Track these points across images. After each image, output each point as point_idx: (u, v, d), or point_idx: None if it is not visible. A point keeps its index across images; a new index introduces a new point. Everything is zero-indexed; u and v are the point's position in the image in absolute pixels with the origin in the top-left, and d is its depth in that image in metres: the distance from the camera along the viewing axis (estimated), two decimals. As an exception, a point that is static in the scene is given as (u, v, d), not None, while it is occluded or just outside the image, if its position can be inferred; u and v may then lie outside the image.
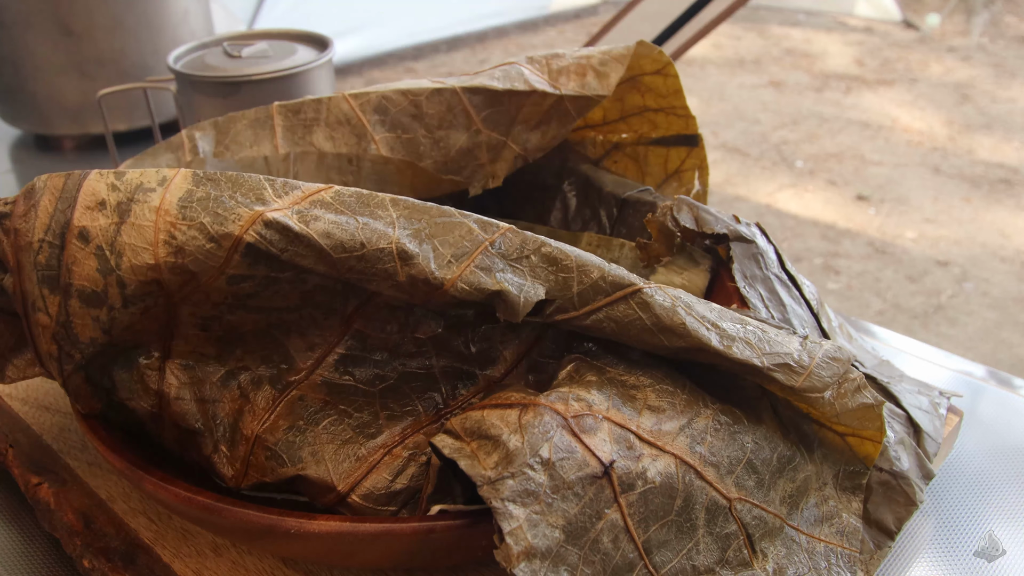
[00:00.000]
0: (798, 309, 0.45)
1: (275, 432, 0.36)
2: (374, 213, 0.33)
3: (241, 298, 0.34)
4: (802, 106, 3.01)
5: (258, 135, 0.53)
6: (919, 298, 1.98)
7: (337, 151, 0.54)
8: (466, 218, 0.33)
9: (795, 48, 3.58)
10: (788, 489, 0.35)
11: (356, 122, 0.53)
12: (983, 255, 2.13)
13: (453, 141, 0.53)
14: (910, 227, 2.26)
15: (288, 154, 0.53)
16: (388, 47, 3.43)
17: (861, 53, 3.51)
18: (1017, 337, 1.84)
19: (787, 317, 0.44)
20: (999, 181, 2.48)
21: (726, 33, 3.68)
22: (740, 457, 0.34)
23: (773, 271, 0.47)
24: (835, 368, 0.35)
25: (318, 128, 0.53)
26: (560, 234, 0.62)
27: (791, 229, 2.25)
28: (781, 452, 0.35)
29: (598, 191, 0.62)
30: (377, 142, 0.52)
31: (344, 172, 0.54)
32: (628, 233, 0.58)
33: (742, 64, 3.42)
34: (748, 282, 0.45)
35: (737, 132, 2.82)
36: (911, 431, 0.41)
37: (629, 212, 0.60)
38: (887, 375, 0.45)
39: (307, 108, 0.53)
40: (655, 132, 0.63)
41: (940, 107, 2.99)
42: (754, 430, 0.35)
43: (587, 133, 0.65)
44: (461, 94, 0.53)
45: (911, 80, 3.22)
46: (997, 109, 2.95)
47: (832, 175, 2.54)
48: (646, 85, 0.61)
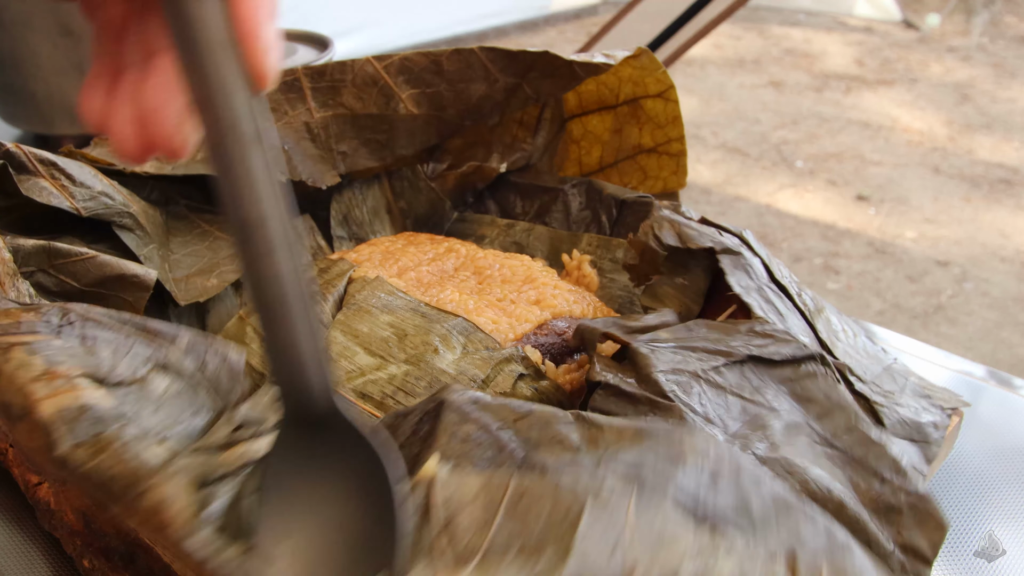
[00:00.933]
0: (793, 318, 0.45)
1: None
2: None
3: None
4: (802, 106, 3.01)
5: (291, 100, 0.56)
6: (919, 298, 1.98)
7: (367, 111, 0.57)
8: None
9: (795, 48, 3.58)
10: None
11: (383, 83, 0.56)
12: (983, 255, 2.13)
13: (473, 91, 0.59)
14: (910, 227, 2.26)
15: (325, 116, 0.56)
16: (388, 47, 3.43)
17: (861, 53, 3.51)
18: (1017, 337, 1.84)
19: (787, 326, 0.44)
20: (999, 181, 2.48)
21: (726, 33, 3.68)
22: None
23: (763, 282, 0.47)
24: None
25: (345, 89, 0.56)
26: (561, 235, 0.62)
27: (791, 229, 2.25)
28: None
29: (599, 193, 0.63)
30: (404, 100, 0.57)
31: (378, 131, 0.58)
32: (626, 233, 0.60)
33: (742, 64, 3.42)
34: (745, 291, 0.45)
35: (737, 132, 2.82)
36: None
37: (628, 213, 0.61)
38: (886, 389, 0.45)
39: (332, 70, 0.56)
40: (643, 184, 0.67)
41: (940, 107, 2.99)
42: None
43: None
44: (479, 52, 0.58)
45: (911, 80, 3.22)
46: (997, 109, 2.95)
47: (832, 175, 2.54)
48: (647, 113, 0.63)
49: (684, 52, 1.50)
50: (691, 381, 0.38)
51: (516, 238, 0.65)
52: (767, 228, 2.26)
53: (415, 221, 0.67)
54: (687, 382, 0.38)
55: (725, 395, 0.39)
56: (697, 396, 0.38)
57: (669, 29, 1.45)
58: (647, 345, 0.41)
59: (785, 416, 0.38)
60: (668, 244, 0.47)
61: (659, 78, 0.62)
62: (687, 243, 0.47)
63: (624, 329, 0.43)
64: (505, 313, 0.51)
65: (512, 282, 0.54)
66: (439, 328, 0.47)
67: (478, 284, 0.55)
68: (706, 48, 3.51)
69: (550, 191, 0.65)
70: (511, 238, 0.65)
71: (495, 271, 0.55)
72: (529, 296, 0.53)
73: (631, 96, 0.64)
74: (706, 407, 0.38)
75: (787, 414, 0.39)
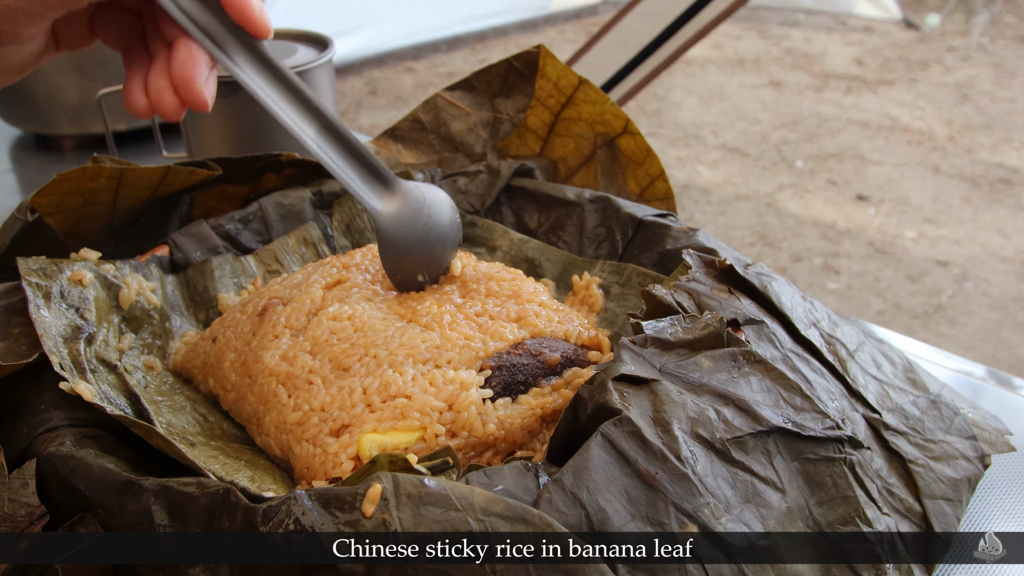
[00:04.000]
0: (821, 381, 0.44)
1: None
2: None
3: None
4: (802, 106, 3.01)
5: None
6: (919, 298, 1.98)
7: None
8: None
9: (795, 48, 3.58)
10: None
11: (384, 154, 0.72)
12: (983, 255, 2.13)
13: (454, 129, 0.71)
14: (910, 227, 2.26)
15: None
16: (388, 47, 3.43)
17: (861, 53, 3.51)
18: (1017, 337, 1.84)
19: (816, 395, 0.43)
20: (999, 181, 2.48)
21: (726, 33, 3.68)
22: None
23: (788, 347, 0.45)
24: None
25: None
26: (576, 259, 0.61)
27: (791, 229, 2.25)
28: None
29: (616, 211, 0.61)
30: (403, 155, 0.72)
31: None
32: (638, 255, 0.59)
33: (742, 64, 3.42)
34: (771, 362, 0.44)
35: (737, 132, 2.82)
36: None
37: (643, 235, 0.59)
38: (929, 435, 0.45)
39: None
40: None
41: (940, 107, 2.99)
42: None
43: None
44: (443, 94, 0.71)
45: (911, 80, 3.22)
46: (997, 109, 2.95)
47: (832, 175, 2.54)
48: (624, 153, 0.67)
49: (684, 52, 1.50)
50: (706, 452, 0.39)
51: (529, 254, 0.63)
52: (767, 228, 2.26)
53: None
54: (702, 453, 0.38)
55: (736, 470, 0.39)
56: (707, 466, 0.38)
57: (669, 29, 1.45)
58: (674, 381, 0.41)
59: (790, 499, 0.39)
60: (690, 312, 0.46)
61: (614, 112, 0.66)
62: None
63: (661, 346, 0.42)
64: (481, 329, 0.50)
65: (497, 296, 0.53)
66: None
67: (461, 296, 0.53)
68: (706, 48, 3.51)
69: (567, 204, 0.64)
70: (523, 254, 0.63)
71: (481, 284, 0.54)
72: (510, 312, 0.52)
73: (604, 138, 0.67)
74: (710, 480, 0.38)
75: (792, 498, 0.39)
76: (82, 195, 0.58)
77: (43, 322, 0.47)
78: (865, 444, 0.42)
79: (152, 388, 0.52)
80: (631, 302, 0.56)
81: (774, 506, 0.38)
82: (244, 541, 0.35)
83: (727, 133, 2.82)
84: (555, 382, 0.49)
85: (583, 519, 0.35)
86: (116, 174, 0.58)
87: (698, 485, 0.37)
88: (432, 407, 0.45)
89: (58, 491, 0.40)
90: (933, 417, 0.47)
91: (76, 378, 0.44)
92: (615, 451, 0.37)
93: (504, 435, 0.46)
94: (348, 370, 0.48)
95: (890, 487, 0.42)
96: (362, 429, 0.45)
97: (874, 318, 1.90)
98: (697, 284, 0.47)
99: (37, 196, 0.56)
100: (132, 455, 0.43)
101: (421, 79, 3.28)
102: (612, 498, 0.36)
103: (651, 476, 0.36)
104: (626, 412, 0.38)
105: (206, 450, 0.47)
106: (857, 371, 0.47)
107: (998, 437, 0.48)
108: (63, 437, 0.42)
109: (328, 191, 0.67)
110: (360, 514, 0.34)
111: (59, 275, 0.52)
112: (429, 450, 0.44)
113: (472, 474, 0.37)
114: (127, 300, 0.55)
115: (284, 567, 0.35)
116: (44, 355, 0.45)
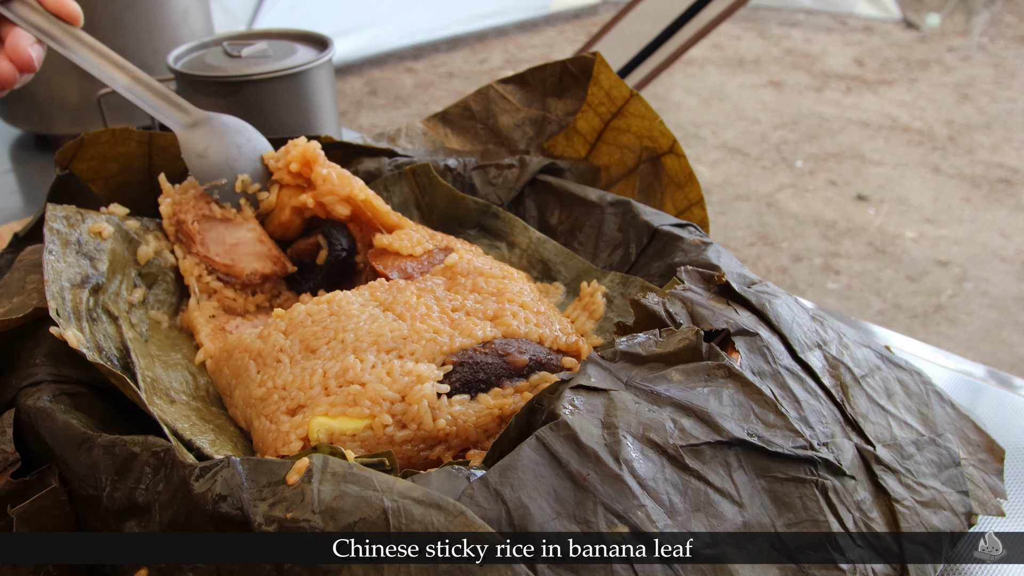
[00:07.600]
0: (813, 402, 0.43)
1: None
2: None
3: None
4: (802, 106, 3.01)
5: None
6: (919, 298, 1.98)
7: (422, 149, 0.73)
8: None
9: (795, 48, 3.58)
10: None
11: (431, 135, 0.74)
12: (983, 255, 2.13)
13: (502, 122, 0.72)
14: (910, 227, 2.26)
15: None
16: (388, 47, 3.43)
17: (861, 53, 3.51)
18: (1017, 337, 1.84)
19: (803, 415, 0.42)
20: (999, 181, 2.48)
21: (726, 33, 3.68)
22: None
23: (783, 363, 0.44)
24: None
25: (400, 138, 0.74)
26: (592, 270, 0.60)
27: (791, 229, 2.25)
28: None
29: (634, 217, 0.61)
30: (450, 139, 0.74)
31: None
32: (648, 265, 0.58)
33: (742, 64, 3.42)
34: (759, 378, 0.43)
35: (737, 132, 2.82)
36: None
37: (656, 245, 0.59)
38: (920, 479, 0.43)
39: (395, 135, 0.74)
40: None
41: (940, 107, 2.99)
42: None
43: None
44: (496, 86, 0.73)
45: (911, 80, 3.22)
46: (997, 109, 2.95)
47: (832, 175, 2.54)
48: (667, 173, 0.67)
49: (684, 52, 1.50)
50: (658, 456, 0.38)
51: (545, 256, 0.63)
52: (767, 228, 2.26)
53: (440, 217, 0.67)
54: (653, 457, 0.37)
55: (688, 478, 0.38)
56: (654, 471, 0.37)
57: (669, 29, 1.45)
58: (636, 392, 0.40)
59: (748, 515, 0.38)
60: (679, 322, 0.45)
61: (662, 130, 0.67)
62: (699, 323, 0.45)
63: (630, 360, 0.41)
64: (452, 324, 0.50)
65: (480, 293, 0.53)
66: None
67: (446, 289, 0.53)
68: (706, 48, 3.51)
69: (588, 205, 0.63)
70: (540, 255, 0.63)
71: (470, 279, 0.54)
72: (487, 310, 0.51)
73: (650, 153, 0.67)
74: (653, 484, 0.37)
75: (752, 514, 0.38)
76: (118, 160, 0.64)
77: (53, 267, 0.50)
78: (849, 473, 0.41)
79: (153, 342, 0.55)
80: (631, 313, 0.56)
81: (727, 518, 0.37)
82: (240, 541, 0.35)
83: (727, 133, 2.82)
84: (519, 384, 0.48)
85: (503, 514, 0.35)
86: (145, 138, 0.64)
87: (633, 487, 0.36)
88: (384, 397, 0.45)
89: (33, 442, 0.44)
90: (929, 461, 0.45)
91: (71, 325, 0.47)
92: (547, 453, 0.37)
93: (456, 431, 0.46)
94: (315, 352, 0.49)
95: (869, 521, 0.40)
96: (314, 411, 0.45)
97: (874, 318, 1.90)
98: (692, 294, 0.46)
99: (77, 162, 0.62)
100: (111, 412, 0.46)
101: (421, 79, 3.28)
102: (537, 496, 0.36)
103: (581, 477, 0.36)
104: (568, 417, 0.38)
105: (183, 408, 0.49)
106: (861, 398, 0.46)
107: (990, 499, 0.46)
108: (43, 392, 0.45)
109: (364, 170, 0.68)
110: (283, 482, 0.35)
111: (81, 224, 0.55)
112: (376, 439, 0.44)
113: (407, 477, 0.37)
114: (145, 256, 0.59)
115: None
116: (45, 311, 0.47)
